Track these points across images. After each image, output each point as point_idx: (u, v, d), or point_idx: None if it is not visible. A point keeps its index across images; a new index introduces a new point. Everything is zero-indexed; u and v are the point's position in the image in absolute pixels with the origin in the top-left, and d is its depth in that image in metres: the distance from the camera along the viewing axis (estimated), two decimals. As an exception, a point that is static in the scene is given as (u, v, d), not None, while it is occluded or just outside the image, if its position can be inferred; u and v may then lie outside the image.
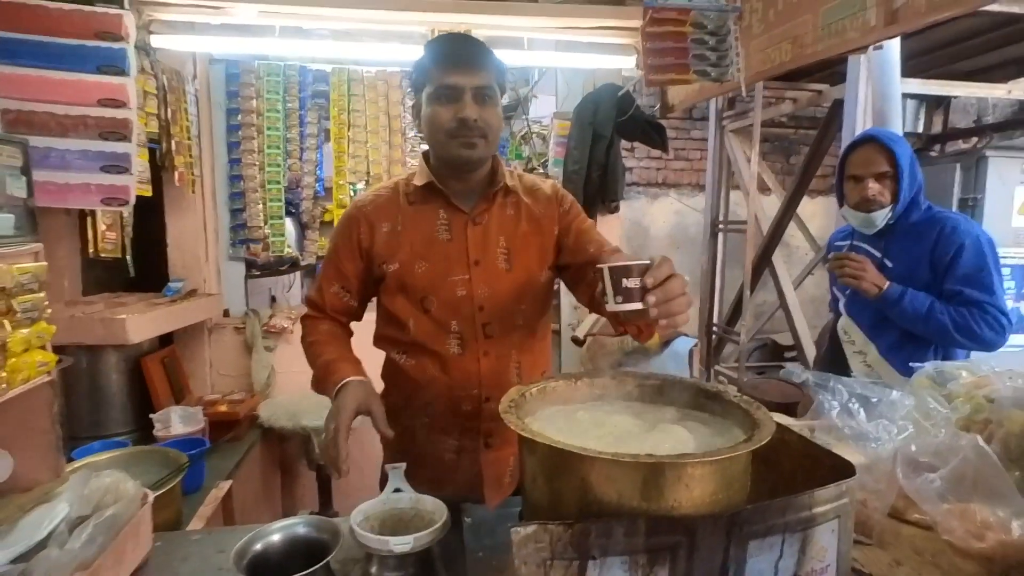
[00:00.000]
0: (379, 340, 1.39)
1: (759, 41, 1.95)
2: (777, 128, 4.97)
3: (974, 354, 1.65)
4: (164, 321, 2.37)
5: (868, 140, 1.65)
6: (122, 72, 1.95)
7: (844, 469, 0.76)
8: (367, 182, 2.96)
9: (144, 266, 2.58)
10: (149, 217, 2.64)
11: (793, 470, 0.86)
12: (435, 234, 1.28)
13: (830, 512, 0.73)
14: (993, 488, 0.93)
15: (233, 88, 2.85)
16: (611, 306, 0.87)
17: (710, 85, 1.85)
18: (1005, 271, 3.70)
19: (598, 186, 2.71)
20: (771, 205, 4.30)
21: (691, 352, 2.19)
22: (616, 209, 2.92)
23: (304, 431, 2.58)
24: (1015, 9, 2.63)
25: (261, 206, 2.92)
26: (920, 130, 4.13)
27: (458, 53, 1.20)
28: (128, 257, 2.44)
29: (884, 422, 1.04)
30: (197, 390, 2.79)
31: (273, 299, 3.73)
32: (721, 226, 4.24)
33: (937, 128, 4.04)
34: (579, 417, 0.86)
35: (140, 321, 2.14)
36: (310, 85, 2.95)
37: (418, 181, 1.30)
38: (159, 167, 2.39)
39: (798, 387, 2.68)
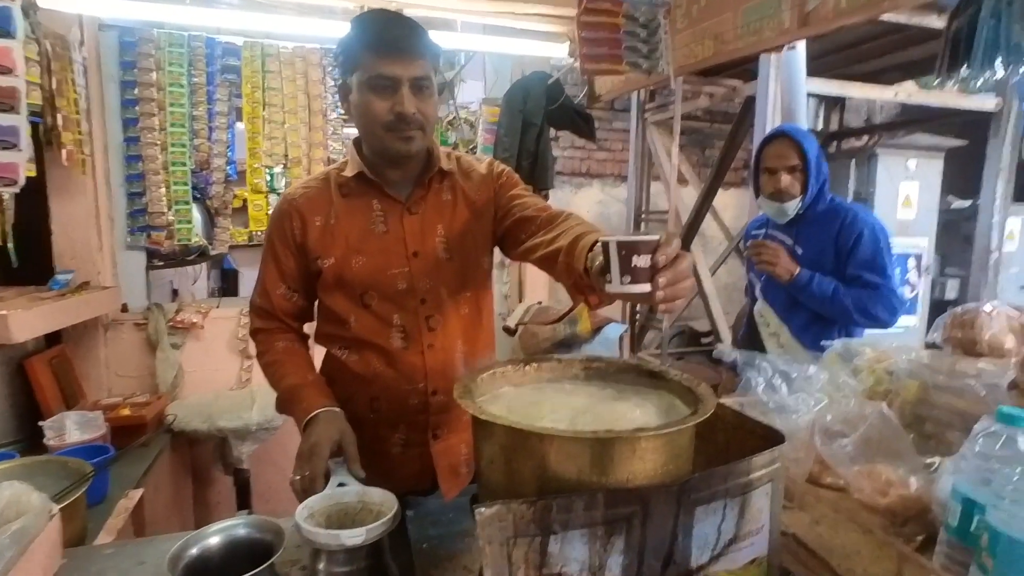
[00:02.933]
0: (320, 337, 1.34)
1: (683, 36, 2.04)
2: (694, 121, 5.20)
3: (869, 332, 1.82)
4: (52, 317, 2.13)
5: (780, 135, 1.78)
6: (7, 34, 1.74)
7: (774, 437, 0.83)
8: (285, 166, 2.82)
9: (25, 256, 2.25)
10: (29, 200, 2.28)
11: (727, 441, 0.92)
12: (370, 226, 1.23)
13: (765, 476, 0.79)
14: (894, 449, 1.04)
15: (128, 59, 2.59)
16: (615, 286, 0.79)
17: (636, 77, 1.92)
18: (891, 258, 4.08)
19: (528, 174, 2.74)
20: (688, 196, 4.51)
21: (621, 338, 2.28)
22: (546, 198, 2.97)
23: (220, 432, 2.43)
24: (903, 20, 2.89)
25: (164, 190, 2.67)
26: (819, 128, 4.46)
27: (395, 39, 1.13)
28: (10, 245, 2.19)
29: (803, 395, 1.13)
30: (92, 393, 2.55)
31: (175, 292, 3.48)
32: (644, 216, 4.40)
33: (834, 126, 4.38)
34: (531, 399, 0.88)
35: (24, 317, 1.91)
36: (219, 59, 2.73)
37: (349, 172, 1.24)
38: (42, 144, 2.11)
39: (716, 370, 2.83)
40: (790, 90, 2.88)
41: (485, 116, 3.02)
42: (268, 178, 2.85)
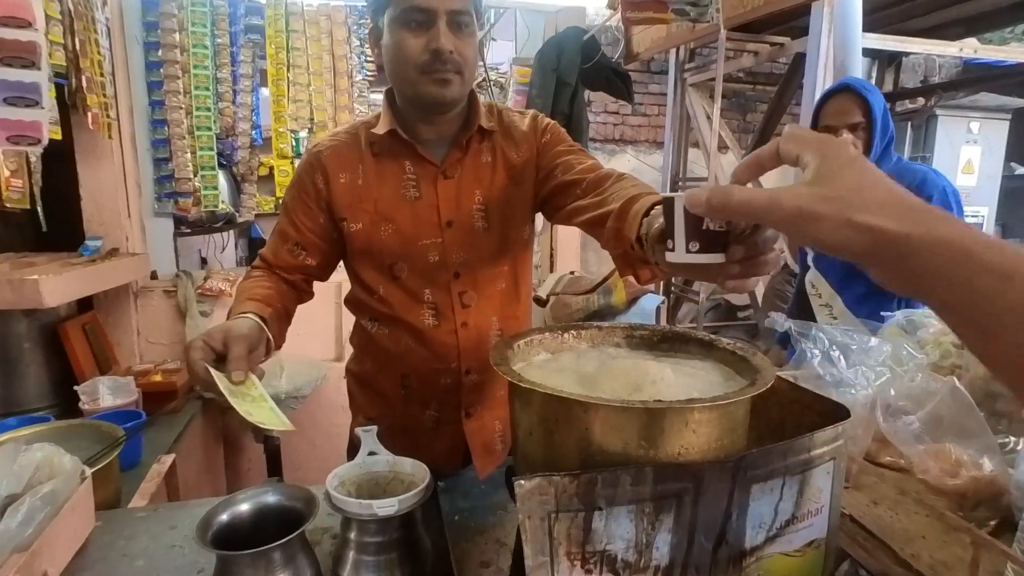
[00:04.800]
0: (350, 303, 1.28)
1: (731, -14, 1.90)
2: (735, 84, 4.97)
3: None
4: (84, 283, 2.13)
5: (843, 89, 1.64)
6: (23, -15, 1.70)
7: (837, 412, 0.76)
8: (310, 130, 2.75)
9: (54, 222, 2.29)
10: (58, 165, 2.33)
11: (782, 417, 0.86)
12: (401, 191, 1.13)
13: (826, 454, 0.72)
14: (965, 428, 0.96)
15: (151, 19, 2.53)
16: (678, 255, 0.62)
17: (678, 31, 1.80)
18: (944, 227, 3.87)
19: (562, 137, 2.64)
20: (728, 163, 4.34)
21: (658, 310, 2.20)
22: (580, 162, 2.86)
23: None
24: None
25: (190, 155, 2.63)
26: (872, 88, 4.21)
27: None
28: (39, 208, 2.17)
29: (862, 368, 1.05)
30: (124, 360, 2.58)
31: (203, 260, 3.49)
32: (681, 184, 4.26)
33: (888, 87, 4.12)
34: (572, 367, 0.82)
35: (56, 283, 1.90)
36: (242, 18, 2.65)
37: (381, 128, 1.13)
38: (67, 107, 2.09)
39: (754, 344, 2.74)
40: (844, 46, 2.70)
41: (516, 77, 2.91)
42: (294, 143, 2.80)
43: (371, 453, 0.97)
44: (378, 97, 2.44)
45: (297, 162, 2.81)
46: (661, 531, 0.64)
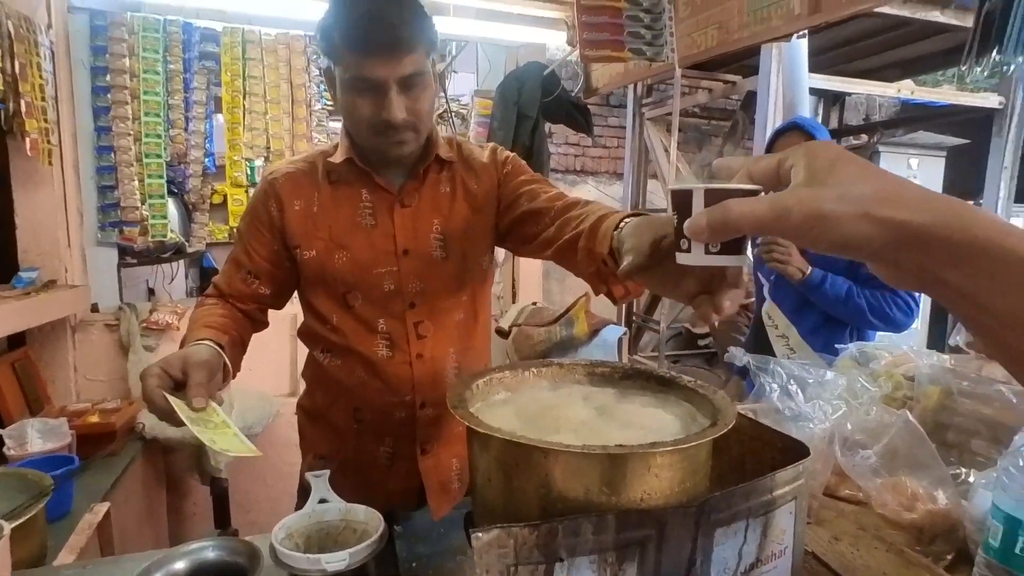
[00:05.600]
0: (303, 335, 1.25)
1: (686, 25, 1.97)
2: (690, 118, 5.14)
3: (881, 335, 1.76)
4: (15, 317, 2.01)
5: (793, 127, 1.70)
6: (-40, 7, 1.63)
7: (798, 450, 0.76)
8: (267, 158, 2.70)
9: None
10: None
11: (743, 454, 0.85)
12: (357, 219, 1.12)
13: (788, 494, 0.71)
14: (919, 460, 0.97)
15: (99, 43, 2.46)
16: (695, 256, 0.53)
17: (636, 68, 1.85)
18: (889, 257, 4.05)
19: (523, 169, 2.66)
20: (685, 193, 4.45)
21: (620, 341, 2.21)
22: (541, 193, 2.89)
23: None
24: (906, 14, 2.84)
25: (137, 183, 2.54)
26: (818, 125, 4.42)
27: (378, 34, 0.96)
28: (-30, 238, 2.08)
29: (819, 402, 1.06)
30: (59, 399, 2.42)
31: (151, 291, 3.36)
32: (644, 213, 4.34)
33: (834, 124, 4.33)
34: (532, 409, 0.80)
35: None
36: (197, 45, 2.60)
37: (338, 157, 1.12)
38: (4, 132, 2.01)
39: (715, 373, 2.76)
40: (792, 85, 2.82)
41: (477, 109, 2.94)
42: (249, 171, 2.73)
43: (322, 500, 0.92)
44: (337, 125, 2.42)
45: (252, 190, 2.78)
46: (624, 582, 0.62)
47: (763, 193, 0.50)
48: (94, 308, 2.57)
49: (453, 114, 3.31)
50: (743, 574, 0.70)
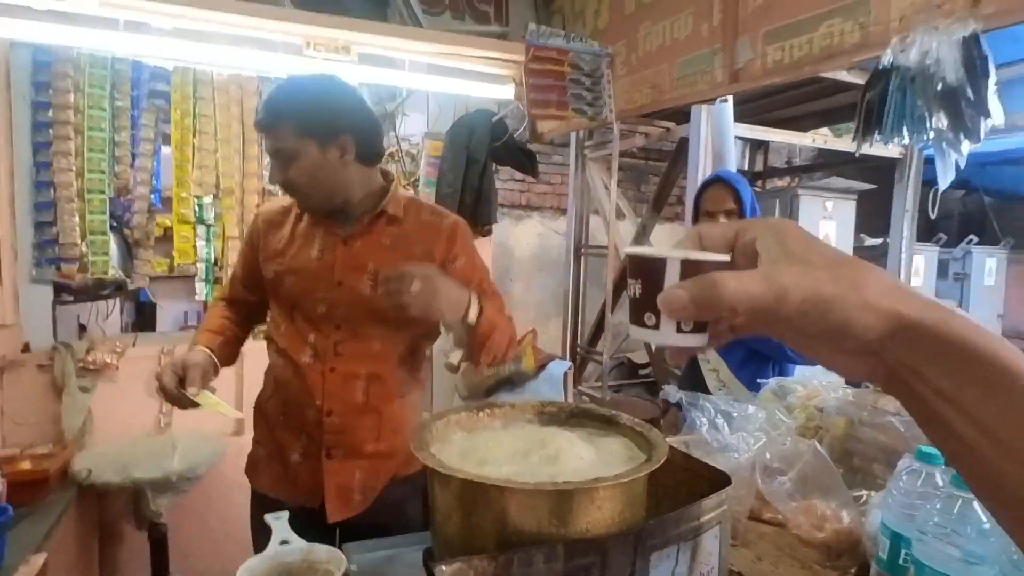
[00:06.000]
0: (266, 335, 1.52)
1: (623, 82, 2.14)
2: (630, 159, 5.41)
3: (799, 370, 1.92)
4: None
5: (716, 181, 1.88)
6: None
7: (721, 479, 0.86)
8: (216, 196, 2.70)
9: None
10: None
11: (676, 484, 0.95)
12: (309, 251, 1.39)
13: (714, 519, 0.81)
14: (827, 485, 1.10)
15: (42, 78, 2.43)
16: (664, 335, 0.45)
17: (577, 120, 2.00)
18: (811, 291, 4.36)
19: (472, 210, 2.76)
20: (626, 230, 4.66)
21: (565, 375, 2.31)
22: (489, 232, 2.99)
23: (136, 484, 2.20)
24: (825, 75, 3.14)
25: (78, 219, 2.48)
26: (747, 167, 4.75)
27: (261, 114, 1.31)
28: None
29: (743, 434, 1.18)
30: (-14, 445, 2.28)
31: (82, 328, 3.20)
32: (584, 250, 4.50)
33: (759, 166, 4.66)
34: (486, 448, 0.87)
35: None
36: (147, 83, 2.59)
37: None
38: None
39: (655, 403, 2.89)
40: (720, 134, 3.05)
41: (428, 150, 3.03)
42: (197, 208, 2.70)
43: (283, 542, 0.96)
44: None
45: (200, 228, 2.76)
46: (572, 604, 0.69)
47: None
48: (25, 348, 2.46)
49: (403, 153, 3.39)
50: (675, 592, 0.79)
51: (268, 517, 1.00)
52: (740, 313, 0.41)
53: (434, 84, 2.32)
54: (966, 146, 1.25)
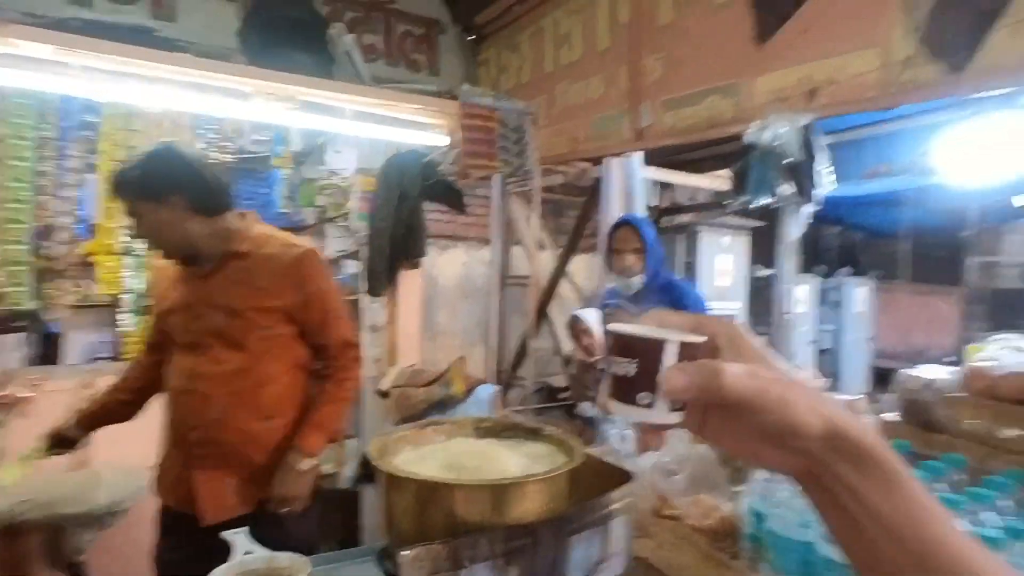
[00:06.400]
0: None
1: (545, 132, 2.39)
2: (551, 193, 5.73)
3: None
4: None
5: (624, 223, 2.15)
6: None
7: (626, 477, 1.06)
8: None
9: None
10: None
11: (591, 482, 1.14)
12: (181, 288, 1.63)
13: (620, 509, 1.00)
14: (713, 481, 1.32)
15: (-42, 109, 2.36)
16: (658, 414, 0.46)
17: (506, 168, 2.22)
18: (713, 318, 4.80)
19: (403, 244, 2.90)
20: (546, 259, 4.93)
21: (492, 398, 2.47)
22: (418, 265, 3.14)
23: (56, 521, 2.11)
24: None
25: (-6, 249, 2.41)
26: (655, 203, 5.17)
27: (111, 183, 1.56)
28: None
29: (647, 441, 1.39)
30: None
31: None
32: (509, 280, 4.72)
33: (667, 203, 5.10)
34: (433, 457, 1.03)
35: None
36: (76, 114, 2.57)
37: None
38: None
39: (572, 423, 3.09)
40: (630, 176, 3.38)
41: (360, 185, 3.15)
42: (123, 240, 2.67)
43: (247, 553, 1.05)
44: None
45: (128, 259, 2.73)
46: (509, 579, 0.86)
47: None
48: (-77, 384, 2.32)
49: (334, 187, 3.49)
50: (592, 569, 0.97)
51: (226, 535, 1.09)
52: (728, 401, 0.43)
53: (373, 132, 2.46)
54: (806, 208, 1.62)
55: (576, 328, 2.32)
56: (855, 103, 1.36)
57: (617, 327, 0.48)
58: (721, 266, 4.69)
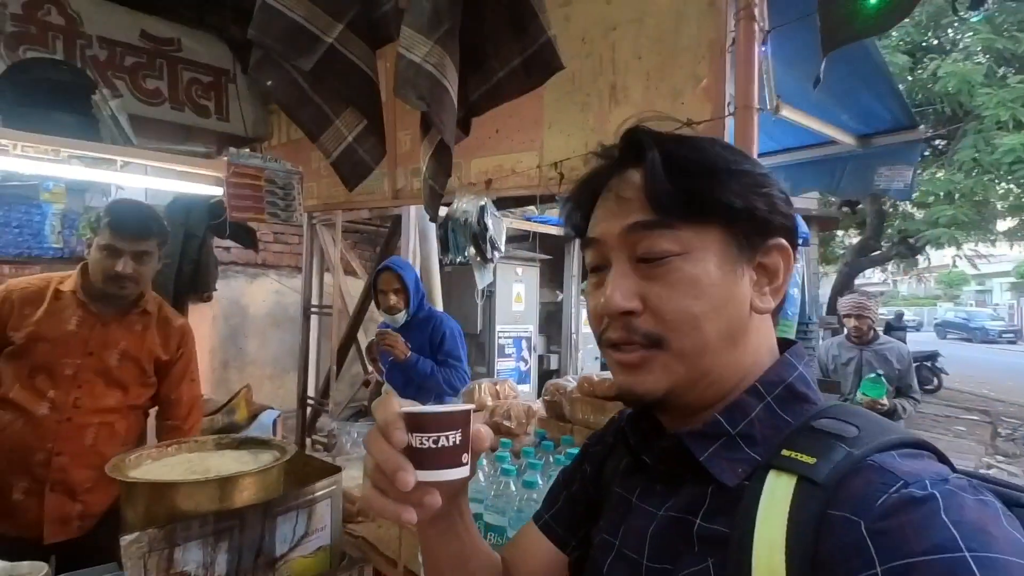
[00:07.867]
0: None
1: (326, 181, 2.69)
2: (362, 224, 5.98)
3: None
4: None
5: (386, 269, 2.53)
6: None
7: (334, 470, 1.39)
8: None
9: None
10: None
11: (306, 475, 1.45)
12: (64, 324, 1.69)
13: (325, 495, 1.33)
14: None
15: None
16: (469, 468, 0.58)
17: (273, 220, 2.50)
18: (508, 340, 5.38)
19: (191, 279, 2.99)
20: (355, 287, 5.17)
21: (275, 422, 2.66)
22: (209, 299, 3.22)
23: None
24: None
25: None
26: (458, 237, 5.69)
27: (128, 225, 1.67)
28: None
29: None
30: None
31: None
32: (315, 308, 4.88)
33: (467, 238, 5.63)
34: (169, 467, 1.28)
35: None
36: None
37: (67, 287, 1.72)
38: None
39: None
40: (422, 216, 3.80)
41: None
42: None
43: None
44: None
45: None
46: (220, 553, 1.14)
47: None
48: None
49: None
50: (296, 542, 1.28)
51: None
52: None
53: (150, 183, 2.49)
54: (490, 266, 2.23)
55: (371, 351, 2.63)
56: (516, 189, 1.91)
57: (433, 409, 0.57)
58: (516, 292, 5.31)
